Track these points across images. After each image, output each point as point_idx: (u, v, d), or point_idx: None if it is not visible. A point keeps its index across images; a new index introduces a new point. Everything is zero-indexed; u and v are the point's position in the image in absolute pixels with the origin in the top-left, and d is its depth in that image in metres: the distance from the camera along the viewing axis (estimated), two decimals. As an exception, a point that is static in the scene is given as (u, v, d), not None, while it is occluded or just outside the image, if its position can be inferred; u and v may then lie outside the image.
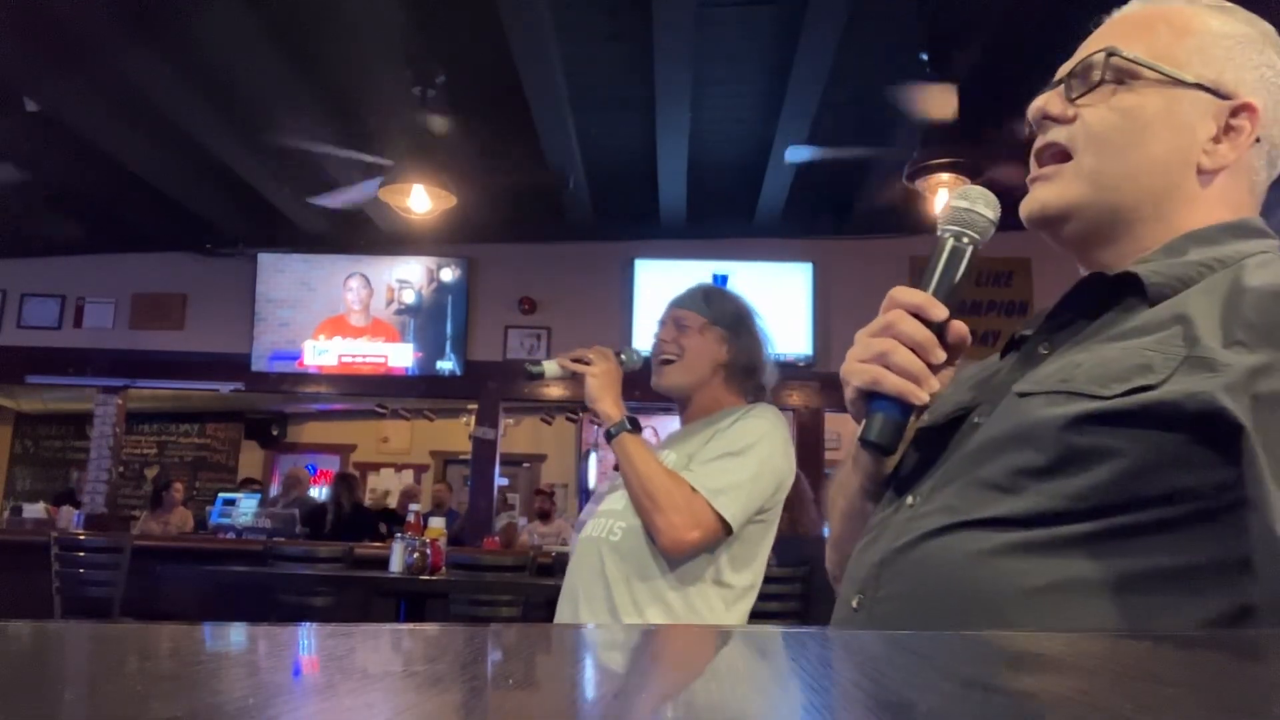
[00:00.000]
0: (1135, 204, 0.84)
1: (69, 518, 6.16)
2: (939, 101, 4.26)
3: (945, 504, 0.77)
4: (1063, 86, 0.88)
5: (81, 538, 4.92)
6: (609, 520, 1.77)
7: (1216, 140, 0.83)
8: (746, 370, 1.85)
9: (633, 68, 4.46)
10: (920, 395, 0.81)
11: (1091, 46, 0.88)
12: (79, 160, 5.51)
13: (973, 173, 4.66)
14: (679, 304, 1.90)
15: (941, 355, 0.82)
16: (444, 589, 3.76)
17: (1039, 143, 0.89)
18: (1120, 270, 0.81)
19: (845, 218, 6.27)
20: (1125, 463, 0.69)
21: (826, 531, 1.12)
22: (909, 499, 0.82)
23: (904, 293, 0.83)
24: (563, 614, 1.80)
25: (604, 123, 5.13)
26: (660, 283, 6.57)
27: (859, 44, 4.22)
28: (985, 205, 0.87)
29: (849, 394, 0.86)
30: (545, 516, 7.11)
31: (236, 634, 0.52)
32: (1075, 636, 0.57)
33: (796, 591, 3.73)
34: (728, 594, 1.70)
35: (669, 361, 1.85)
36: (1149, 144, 0.83)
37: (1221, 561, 0.67)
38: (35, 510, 6.51)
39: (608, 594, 1.69)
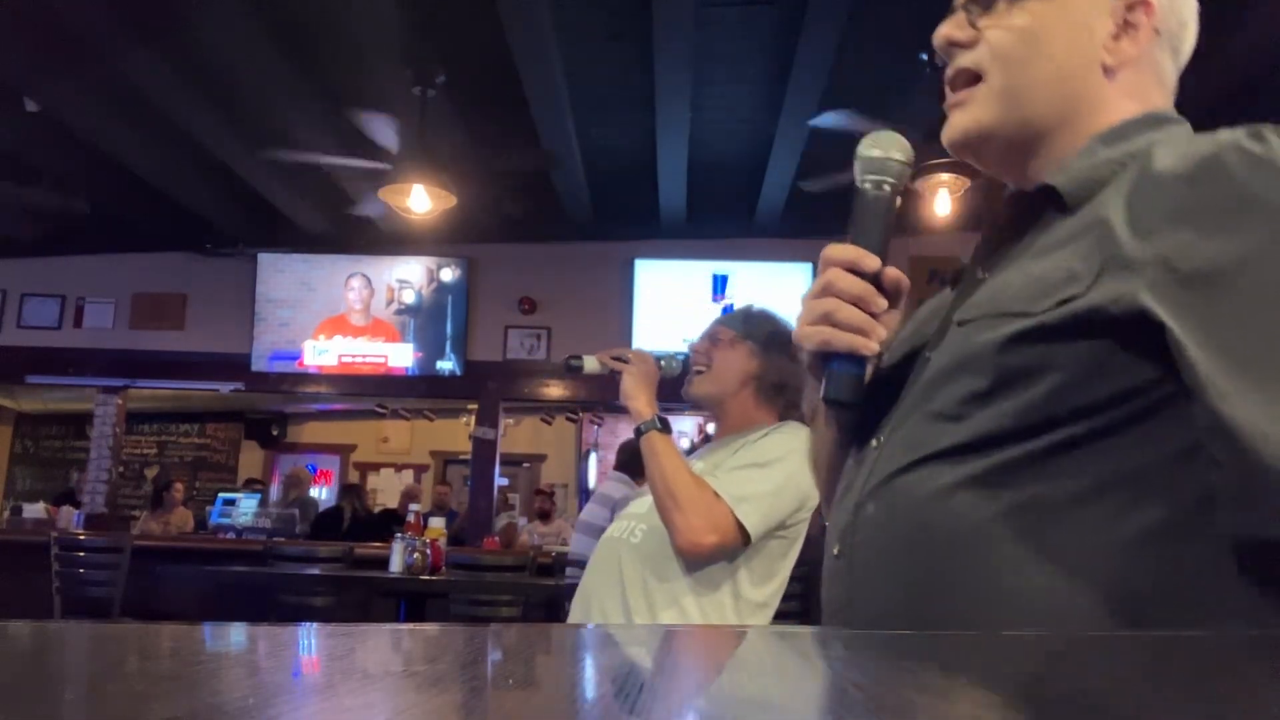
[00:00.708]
0: (1048, 113, 0.85)
1: (69, 518, 6.16)
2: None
3: (903, 441, 0.79)
4: (962, 12, 0.88)
5: (81, 538, 4.92)
6: (631, 522, 1.79)
7: (1116, 38, 0.84)
8: (776, 387, 1.87)
9: (633, 68, 4.46)
10: (870, 345, 0.82)
11: None
12: (79, 160, 5.52)
13: (972, 172, 4.66)
14: (720, 320, 1.97)
15: (882, 303, 0.83)
16: (444, 589, 3.76)
17: (950, 70, 0.89)
18: (1037, 185, 0.82)
19: (845, 217, 6.24)
20: (1061, 376, 0.70)
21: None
22: (873, 441, 0.84)
23: (835, 250, 0.85)
24: (575, 614, 1.82)
25: (604, 123, 5.13)
26: (660, 283, 6.58)
27: (859, 44, 4.22)
28: (897, 150, 0.88)
29: (805, 359, 0.88)
30: (545, 517, 7.11)
31: (236, 634, 0.52)
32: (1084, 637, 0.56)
33: (796, 591, 3.72)
34: (743, 606, 1.72)
35: (700, 372, 1.90)
36: (1051, 52, 0.84)
37: (1173, 454, 0.68)
38: (35, 510, 6.51)
39: (623, 595, 1.71)
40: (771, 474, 1.71)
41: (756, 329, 1.90)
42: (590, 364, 1.88)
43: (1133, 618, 0.67)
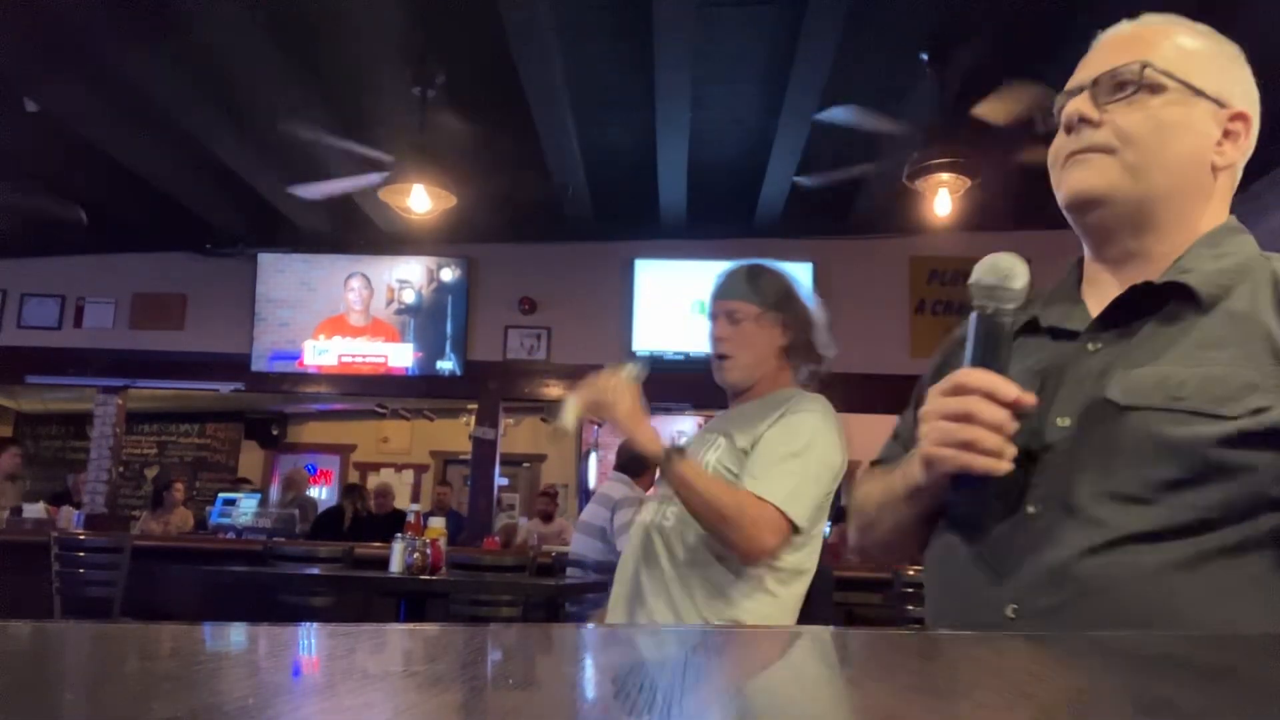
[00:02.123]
0: (1165, 194, 0.94)
1: (69, 518, 6.16)
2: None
3: (1088, 517, 0.86)
4: (1088, 93, 0.97)
5: (81, 538, 4.92)
6: (663, 505, 1.79)
7: (1220, 144, 0.96)
8: (805, 346, 1.86)
9: (633, 68, 4.46)
10: (1004, 467, 0.87)
11: (1113, 58, 0.98)
12: (79, 160, 5.52)
13: (972, 172, 4.66)
14: (726, 295, 1.88)
15: (1014, 427, 0.88)
16: (444, 589, 3.76)
17: (1074, 143, 0.97)
18: (1166, 278, 0.92)
19: (845, 217, 6.27)
20: (1257, 475, 0.81)
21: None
22: (1029, 508, 0.89)
23: (974, 378, 0.89)
24: (617, 597, 1.83)
25: (604, 123, 5.13)
26: (660, 283, 6.57)
27: (859, 44, 4.22)
28: (1018, 277, 0.91)
29: (922, 470, 0.93)
30: (548, 518, 7.11)
31: (236, 634, 0.52)
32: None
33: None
34: (782, 575, 1.74)
35: (727, 357, 1.85)
36: (1176, 144, 0.94)
37: None
38: (35, 510, 6.50)
39: (661, 577, 1.73)
40: (807, 463, 1.72)
41: (771, 295, 1.85)
42: (569, 419, 1.78)
43: None
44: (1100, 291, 0.99)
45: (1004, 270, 0.91)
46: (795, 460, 1.71)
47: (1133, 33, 1.00)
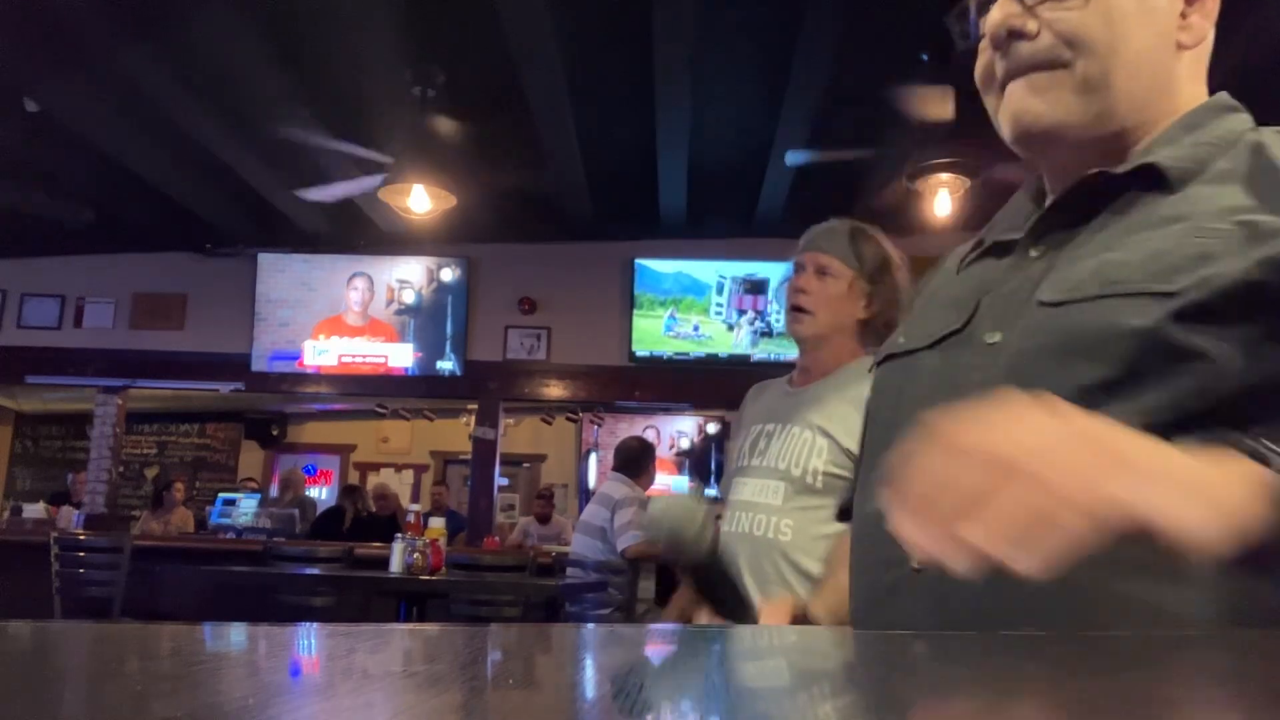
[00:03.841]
0: (1130, 99, 0.78)
1: (69, 518, 6.16)
2: (937, 102, 4.25)
3: None
4: None
5: (81, 538, 4.92)
6: (771, 516, 1.60)
7: (1185, 15, 0.79)
8: (883, 327, 1.65)
9: (633, 68, 4.46)
10: None
11: None
12: (79, 160, 5.52)
13: (972, 172, 4.66)
14: (820, 248, 1.74)
15: None
16: (444, 589, 3.76)
17: (1012, 63, 0.79)
18: (1131, 165, 0.76)
19: (845, 217, 6.26)
20: (1208, 365, 0.64)
21: None
22: None
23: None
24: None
25: (604, 123, 5.13)
26: (660, 283, 6.57)
27: (859, 44, 4.21)
28: (687, 520, 0.84)
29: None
30: (544, 519, 7.12)
31: (236, 634, 0.52)
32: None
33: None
34: None
35: (804, 311, 1.69)
36: (1135, 35, 0.77)
37: None
38: (35, 510, 6.50)
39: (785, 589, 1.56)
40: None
41: (869, 262, 1.70)
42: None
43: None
44: None
45: (659, 522, 0.81)
46: None
47: None
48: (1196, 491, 0.52)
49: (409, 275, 6.81)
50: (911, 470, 0.55)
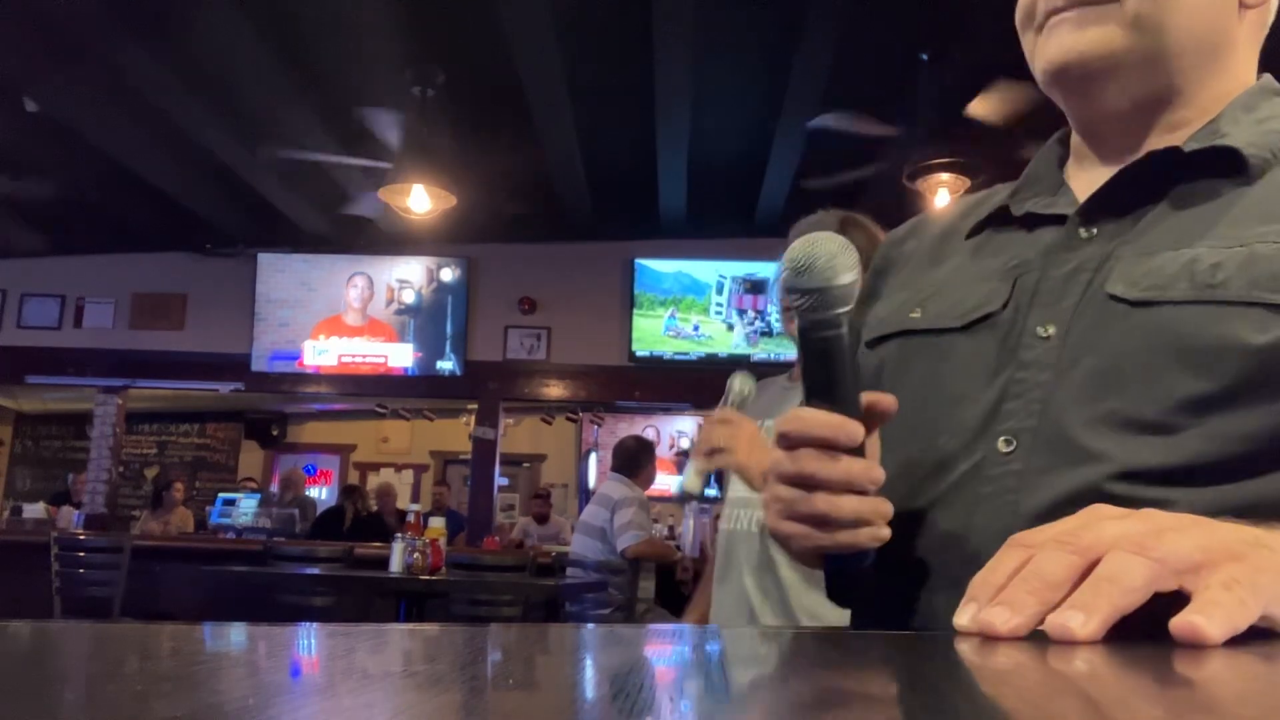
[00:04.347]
0: (1183, 48, 0.70)
1: (69, 518, 6.16)
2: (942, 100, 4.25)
3: (1083, 451, 0.62)
4: None
5: (81, 538, 4.92)
6: (753, 511, 1.69)
7: None
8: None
9: (633, 68, 4.46)
10: (880, 535, 0.64)
11: None
12: (79, 160, 5.52)
13: (972, 172, 4.66)
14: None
15: (881, 475, 0.64)
16: (444, 589, 3.76)
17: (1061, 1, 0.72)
18: (1204, 144, 0.69)
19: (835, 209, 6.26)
20: None
21: None
22: (999, 443, 0.66)
23: (805, 424, 0.64)
24: (724, 605, 1.74)
25: (604, 123, 5.13)
26: (660, 283, 6.58)
27: (859, 43, 4.22)
28: (843, 268, 0.63)
29: (794, 549, 0.69)
30: (542, 519, 7.12)
31: (236, 634, 0.52)
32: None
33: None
34: None
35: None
36: None
37: None
38: (35, 510, 6.51)
39: (778, 585, 1.64)
40: None
41: (863, 252, 1.67)
42: (694, 483, 1.55)
43: None
44: (1093, 175, 0.74)
45: (822, 260, 0.62)
46: None
47: None
48: None
49: (409, 275, 6.81)
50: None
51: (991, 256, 0.76)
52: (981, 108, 4.19)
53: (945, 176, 4.68)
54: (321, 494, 9.86)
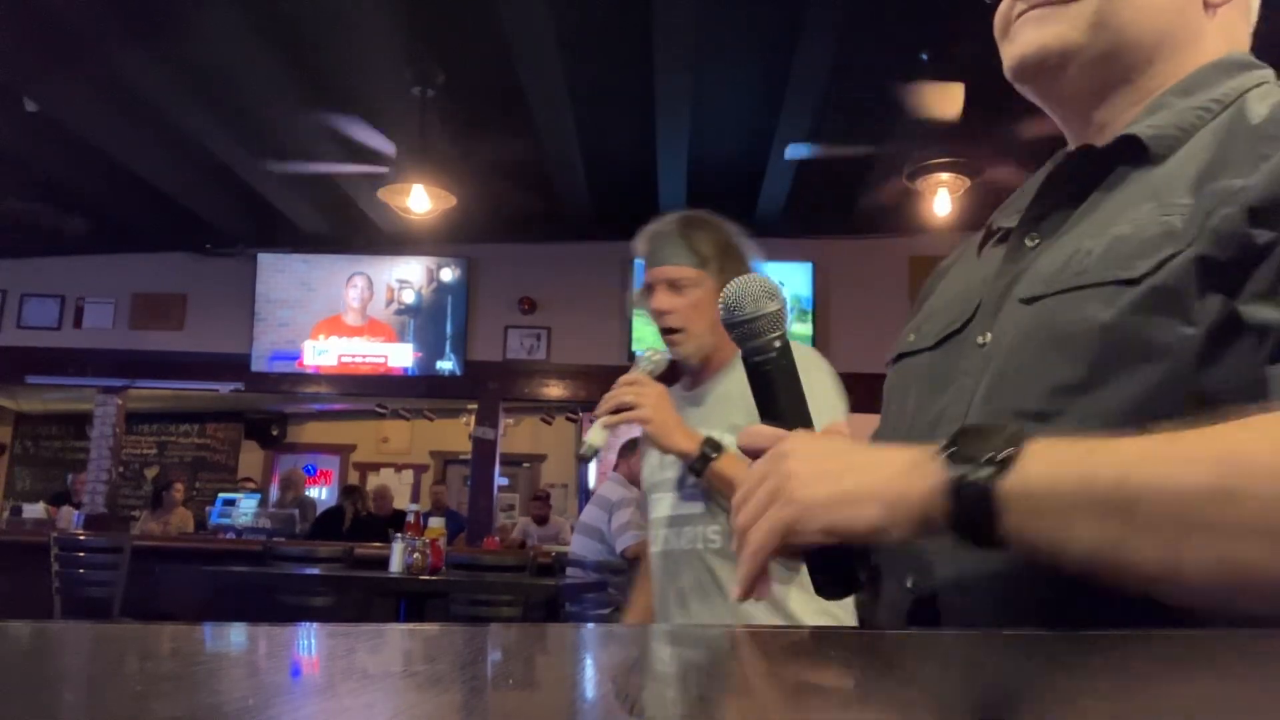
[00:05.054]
0: (1142, 41, 0.73)
1: (69, 518, 6.16)
2: (943, 100, 4.26)
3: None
4: None
5: (81, 538, 4.92)
6: (693, 528, 1.61)
7: None
8: None
9: (633, 68, 4.46)
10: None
11: None
12: (79, 160, 5.52)
13: (972, 172, 4.66)
14: (663, 260, 1.71)
15: None
16: (444, 589, 3.76)
17: (1023, 1, 0.76)
18: (1112, 138, 0.72)
19: (845, 217, 6.27)
20: (1174, 355, 0.59)
21: None
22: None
23: (755, 439, 0.70)
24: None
25: (604, 123, 5.13)
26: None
27: (859, 43, 4.22)
28: (762, 298, 0.71)
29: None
30: (542, 520, 7.12)
31: (236, 634, 0.52)
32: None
33: (796, 591, 3.73)
34: None
35: (677, 331, 1.66)
36: None
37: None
38: (35, 510, 6.51)
39: (723, 609, 1.56)
40: (823, 381, 1.58)
41: (710, 251, 1.67)
42: (598, 437, 1.58)
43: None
44: None
45: (734, 299, 0.71)
46: (815, 395, 1.57)
47: None
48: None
49: (408, 275, 6.81)
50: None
51: (970, 275, 0.81)
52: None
53: (945, 176, 4.69)
54: (321, 494, 9.86)
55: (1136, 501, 0.53)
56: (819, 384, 1.59)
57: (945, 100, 4.26)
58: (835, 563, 0.67)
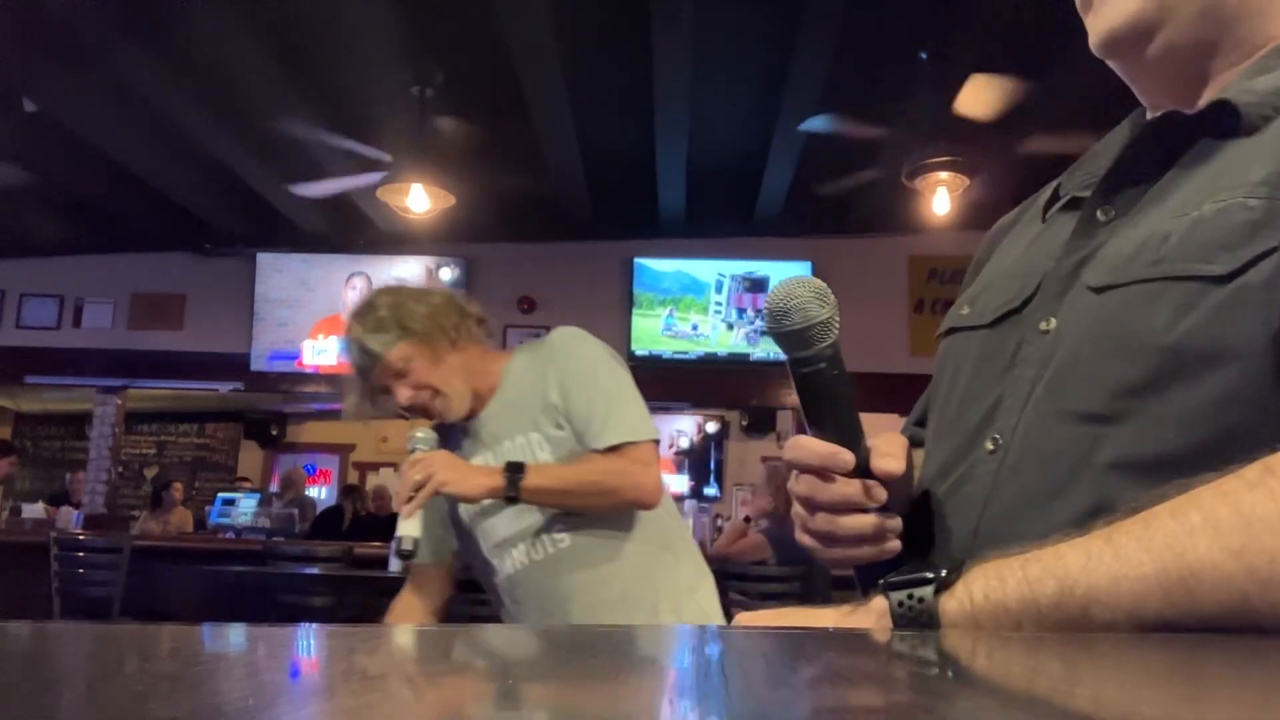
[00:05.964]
0: (1229, 2, 0.67)
1: (69, 518, 6.15)
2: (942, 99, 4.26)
3: (1046, 448, 0.62)
4: None
5: (81, 538, 4.92)
6: (531, 541, 1.64)
7: None
8: (459, 324, 1.68)
9: (633, 68, 4.46)
10: (888, 549, 0.67)
11: None
12: (79, 160, 5.52)
13: (972, 171, 4.66)
14: (370, 361, 1.66)
15: (882, 494, 0.66)
16: (444, 589, 3.76)
17: None
18: (1205, 103, 0.65)
19: (844, 216, 6.27)
20: (1247, 361, 0.54)
21: None
22: (988, 443, 0.67)
23: (802, 453, 0.68)
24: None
25: (604, 123, 5.13)
26: (659, 282, 6.58)
27: (858, 43, 4.22)
28: (811, 304, 0.66)
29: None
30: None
31: (236, 634, 0.52)
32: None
33: (796, 590, 3.75)
34: (671, 530, 1.70)
35: (444, 400, 1.67)
36: None
37: None
38: (35, 510, 6.50)
39: (590, 597, 1.61)
40: (617, 382, 1.64)
41: (396, 323, 1.65)
42: (413, 528, 1.58)
43: None
44: None
45: (780, 306, 0.66)
46: (608, 393, 1.62)
47: None
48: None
49: (408, 275, 6.80)
50: None
51: (1034, 247, 0.75)
52: (972, 104, 4.19)
53: (944, 175, 4.68)
54: (321, 494, 9.86)
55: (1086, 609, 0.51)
56: (575, 364, 1.66)
57: (944, 99, 4.26)
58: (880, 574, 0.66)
